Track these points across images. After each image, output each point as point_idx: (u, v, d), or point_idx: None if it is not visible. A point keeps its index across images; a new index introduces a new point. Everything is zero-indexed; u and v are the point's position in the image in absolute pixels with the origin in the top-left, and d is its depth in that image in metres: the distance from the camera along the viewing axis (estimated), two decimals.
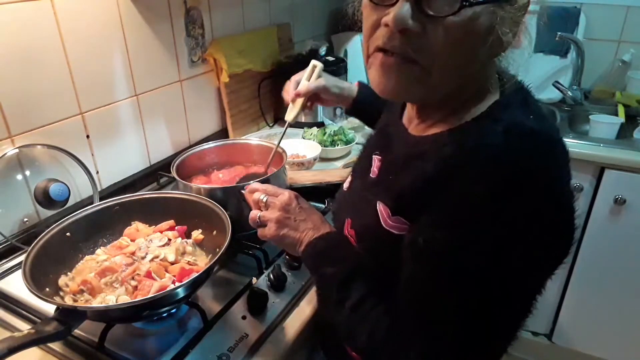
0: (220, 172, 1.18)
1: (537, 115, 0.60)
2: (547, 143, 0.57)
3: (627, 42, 1.99)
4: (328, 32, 2.20)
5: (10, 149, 1.02)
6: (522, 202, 0.53)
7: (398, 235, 0.63)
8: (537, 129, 0.56)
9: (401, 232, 0.63)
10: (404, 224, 0.62)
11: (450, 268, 0.56)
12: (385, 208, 0.65)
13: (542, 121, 0.60)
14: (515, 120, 0.57)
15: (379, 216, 0.66)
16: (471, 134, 0.58)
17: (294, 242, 0.75)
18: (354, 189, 0.82)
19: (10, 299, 0.89)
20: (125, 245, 0.89)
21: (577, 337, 1.88)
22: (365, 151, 0.83)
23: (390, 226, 0.64)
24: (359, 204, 0.73)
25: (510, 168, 0.53)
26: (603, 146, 1.60)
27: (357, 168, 0.85)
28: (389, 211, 0.64)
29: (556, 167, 0.57)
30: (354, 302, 0.66)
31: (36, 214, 1.09)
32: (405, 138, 0.70)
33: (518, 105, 0.60)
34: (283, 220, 0.76)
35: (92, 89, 1.16)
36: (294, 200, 0.78)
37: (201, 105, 1.55)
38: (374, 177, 0.74)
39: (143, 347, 0.79)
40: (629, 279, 1.69)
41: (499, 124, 0.56)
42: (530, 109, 0.61)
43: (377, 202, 0.67)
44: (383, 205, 0.66)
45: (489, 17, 0.53)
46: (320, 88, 1.03)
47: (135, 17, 1.23)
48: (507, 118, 0.57)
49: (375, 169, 0.75)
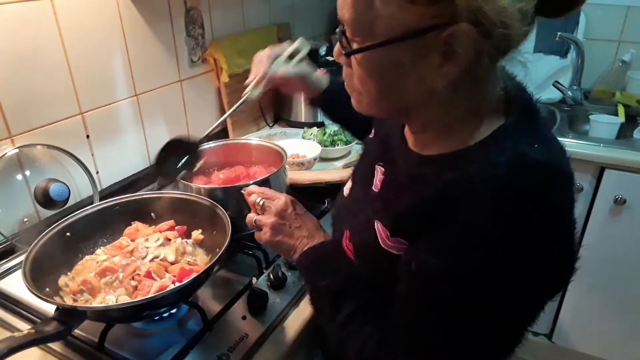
0: (220, 172, 1.18)
1: (542, 141, 0.57)
2: (551, 174, 0.55)
3: (627, 42, 1.98)
4: (328, 32, 2.20)
5: (10, 149, 1.02)
6: (523, 236, 0.52)
7: (397, 255, 0.62)
8: (541, 159, 0.54)
9: (400, 252, 0.62)
10: (403, 244, 0.61)
11: (441, 294, 0.55)
12: (384, 229, 0.63)
13: (548, 149, 0.57)
14: (518, 150, 0.55)
15: (377, 235, 0.65)
16: (473, 161, 0.56)
17: (288, 249, 0.76)
18: (354, 199, 0.80)
19: (10, 299, 0.89)
20: (125, 245, 0.89)
21: (577, 337, 1.88)
22: (367, 157, 0.81)
23: (389, 246, 0.63)
24: (359, 217, 0.72)
25: (512, 201, 0.51)
26: (603, 146, 1.60)
27: (358, 174, 0.83)
28: (388, 233, 0.63)
29: (559, 198, 0.55)
30: (345, 317, 0.66)
31: (36, 214, 1.09)
32: (406, 154, 0.68)
33: (523, 130, 0.58)
34: (278, 227, 0.76)
35: (92, 89, 1.16)
36: (290, 206, 0.78)
37: (201, 105, 1.55)
38: (376, 192, 0.72)
39: (143, 347, 0.79)
40: (629, 279, 1.69)
41: (502, 153, 0.54)
42: (535, 134, 0.58)
43: (376, 221, 0.65)
44: (382, 225, 0.64)
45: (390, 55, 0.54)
46: (300, 76, 0.96)
47: (135, 17, 1.23)
48: (511, 147, 0.55)
49: (377, 182, 0.73)
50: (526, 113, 0.61)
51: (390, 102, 0.60)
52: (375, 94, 0.59)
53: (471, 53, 0.51)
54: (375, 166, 0.74)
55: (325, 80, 1.02)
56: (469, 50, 0.50)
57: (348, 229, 0.73)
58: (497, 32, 0.49)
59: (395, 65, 0.55)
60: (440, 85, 0.54)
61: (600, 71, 2.07)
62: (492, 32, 0.49)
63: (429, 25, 0.50)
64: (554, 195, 0.54)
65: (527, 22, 0.51)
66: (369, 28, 0.54)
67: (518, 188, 0.52)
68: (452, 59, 0.52)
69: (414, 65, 0.54)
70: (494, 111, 0.60)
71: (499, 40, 0.50)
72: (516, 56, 0.57)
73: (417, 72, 0.55)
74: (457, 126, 0.60)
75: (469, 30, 0.49)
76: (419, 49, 0.53)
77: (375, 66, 0.57)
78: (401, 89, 0.57)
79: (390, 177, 0.70)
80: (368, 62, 0.57)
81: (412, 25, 0.51)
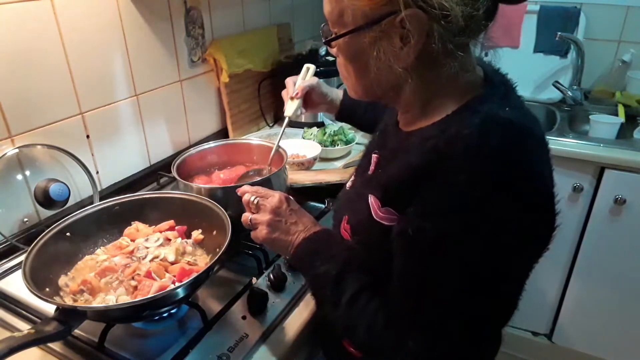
0: (220, 172, 1.18)
1: (514, 107, 0.63)
2: (522, 131, 0.60)
3: (627, 42, 1.98)
4: None
5: (10, 149, 1.02)
6: (501, 188, 0.56)
7: (388, 227, 0.65)
8: (512, 118, 0.60)
9: (391, 223, 0.65)
10: (393, 214, 0.65)
11: (440, 256, 0.59)
12: (376, 200, 0.67)
13: (518, 113, 0.63)
14: (491, 111, 0.60)
15: (370, 208, 0.68)
16: (450, 126, 0.61)
17: (285, 245, 0.76)
18: (354, 188, 0.84)
19: (10, 299, 0.89)
20: (125, 245, 0.89)
21: (577, 337, 1.88)
22: (367, 151, 0.86)
23: (380, 217, 0.66)
24: (356, 200, 0.75)
25: (488, 156, 0.56)
26: (603, 146, 1.60)
27: (359, 167, 0.87)
28: (379, 203, 0.67)
29: (531, 153, 0.60)
30: (350, 297, 0.67)
31: (36, 214, 1.09)
32: (397, 134, 0.74)
33: (497, 99, 0.64)
34: (274, 224, 0.76)
35: (92, 89, 1.16)
36: (285, 202, 0.78)
37: (201, 105, 1.55)
38: (370, 174, 0.77)
39: (143, 347, 0.79)
40: (629, 279, 1.69)
41: (475, 115, 0.60)
42: (509, 102, 0.64)
43: (369, 195, 0.69)
44: (373, 197, 0.68)
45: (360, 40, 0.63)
46: (312, 85, 1.10)
47: (135, 17, 1.23)
48: (484, 110, 0.61)
49: (372, 166, 0.77)
50: (502, 87, 0.67)
51: (367, 83, 0.68)
52: (355, 76, 0.69)
53: (423, 34, 0.58)
54: (372, 155, 0.78)
55: (339, 93, 1.16)
56: (421, 31, 0.58)
57: (347, 214, 0.76)
58: (439, 14, 0.56)
59: (364, 49, 0.63)
60: (403, 64, 0.62)
61: (600, 71, 2.07)
62: (435, 15, 0.56)
63: (385, 12, 0.59)
64: (524, 151, 0.59)
65: (470, 5, 0.57)
66: (340, 19, 0.63)
67: (489, 144, 0.57)
68: (408, 40, 0.59)
69: (379, 49, 0.62)
70: (471, 89, 0.65)
71: (445, 21, 0.57)
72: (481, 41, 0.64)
73: (381, 55, 0.62)
74: (435, 102, 0.66)
75: (417, 14, 0.57)
76: (380, 34, 0.61)
77: (349, 52, 0.66)
78: (373, 71, 0.65)
79: (382, 158, 0.75)
80: (344, 48, 0.67)
81: (372, 14, 0.60)
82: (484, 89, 0.65)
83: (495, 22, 0.62)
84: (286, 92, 1.11)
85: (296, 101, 1.09)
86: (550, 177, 0.62)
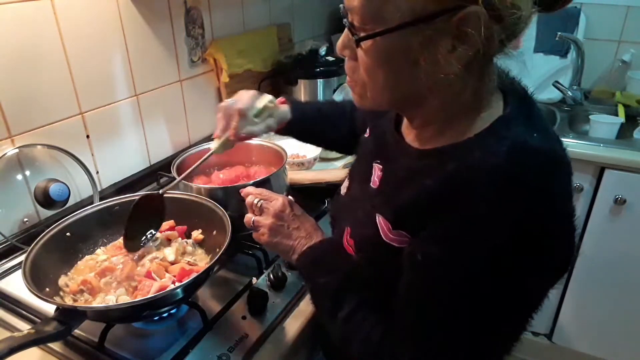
0: (220, 172, 1.18)
1: (541, 131, 0.59)
2: (551, 162, 0.56)
3: (627, 42, 1.98)
4: (328, 32, 2.19)
5: (10, 149, 1.02)
6: (525, 221, 0.52)
7: (399, 248, 0.62)
8: (540, 147, 0.55)
9: (402, 245, 0.62)
10: (405, 237, 0.62)
11: (447, 282, 0.56)
12: (386, 222, 0.64)
13: (546, 138, 0.58)
14: (518, 139, 0.56)
15: (378, 229, 0.65)
16: (474, 152, 0.56)
17: (286, 250, 0.76)
18: (353, 197, 0.81)
19: (10, 299, 0.89)
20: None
21: (577, 337, 1.88)
22: (364, 156, 0.81)
23: (390, 239, 0.63)
24: (358, 214, 0.72)
25: (514, 189, 0.52)
26: (603, 146, 1.60)
27: (355, 173, 0.83)
28: (390, 226, 0.63)
29: (559, 186, 0.56)
30: (347, 313, 0.66)
31: (36, 214, 1.09)
32: (405, 149, 0.68)
33: (522, 121, 0.58)
34: (276, 228, 0.76)
35: (92, 89, 1.16)
36: (288, 207, 0.78)
37: (201, 105, 1.55)
38: (374, 188, 0.72)
39: (143, 347, 0.79)
40: (629, 279, 1.69)
41: (502, 142, 0.55)
42: (534, 124, 0.59)
43: (377, 214, 0.66)
44: (383, 219, 0.64)
45: (398, 43, 0.54)
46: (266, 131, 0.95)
47: (135, 17, 1.23)
48: (511, 136, 0.56)
49: (376, 178, 0.73)
50: (524, 104, 0.62)
51: (398, 91, 0.60)
52: (383, 83, 0.59)
53: (483, 36, 0.50)
54: (373, 164, 0.74)
55: (287, 112, 0.99)
56: (479, 33, 0.50)
57: (348, 226, 0.74)
58: (508, 13, 0.49)
59: (406, 51, 0.54)
60: (454, 69, 0.53)
61: (600, 71, 2.07)
62: (503, 14, 0.49)
63: (440, 8, 0.50)
64: (553, 182, 0.55)
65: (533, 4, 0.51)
66: (379, 14, 0.53)
67: (518, 176, 0.52)
68: (464, 42, 0.51)
69: (426, 50, 0.53)
70: (491, 104, 0.60)
71: (510, 22, 0.50)
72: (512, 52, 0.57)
73: (429, 57, 0.54)
74: (457, 120, 0.61)
75: (481, 12, 0.49)
76: (431, 32, 0.52)
77: (385, 53, 0.56)
78: (411, 76, 0.57)
79: (389, 173, 0.70)
80: (377, 49, 0.56)
81: (423, 8, 0.50)
82: (507, 108, 0.60)
83: None
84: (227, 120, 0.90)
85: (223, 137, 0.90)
86: (573, 209, 0.58)
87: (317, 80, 1.72)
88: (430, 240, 0.57)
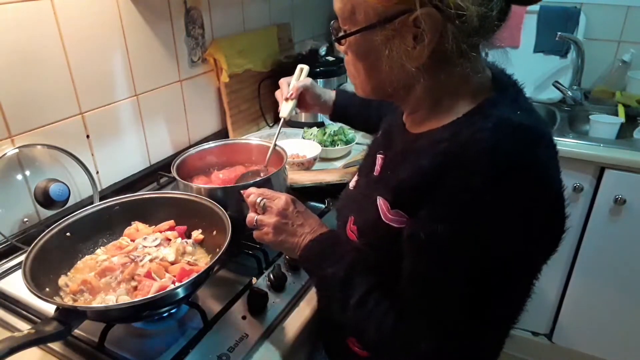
0: (220, 172, 1.18)
1: (525, 110, 0.64)
2: (534, 135, 0.60)
3: (627, 42, 1.98)
4: (328, 32, 2.20)
5: (10, 149, 1.02)
6: (515, 190, 0.56)
7: (398, 229, 0.65)
8: (524, 122, 0.60)
9: (400, 226, 0.65)
10: (403, 217, 0.64)
11: (453, 259, 0.59)
12: (385, 202, 0.67)
13: (530, 116, 0.63)
14: (503, 115, 0.60)
15: (379, 211, 0.68)
16: (463, 129, 0.61)
17: (292, 247, 0.76)
18: (358, 188, 0.84)
19: (10, 299, 0.89)
20: (125, 245, 0.89)
21: (577, 337, 1.88)
22: (370, 151, 0.85)
23: (389, 220, 0.66)
24: (362, 201, 0.74)
25: (501, 160, 0.56)
26: (603, 146, 1.60)
27: (362, 168, 0.86)
28: (388, 205, 0.66)
29: (544, 155, 0.60)
30: (358, 299, 0.67)
31: (36, 214, 1.09)
32: (404, 135, 0.73)
33: (508, 103, 0.64)
34: (281, 226, 0.76)
35: (92, 89, 1.16)
36: (291, 204, 0.78)
37: (201, 105, 1.55)
38: (376, 175, 0.76)
39: (143, 347, 0.79)
40: (629, 279, 1.69)
41: (488, 119, 0.60)
42: (519, 105, 0.64)
43: (377, 197, 0.69)
44: (383, 200, 0.67)
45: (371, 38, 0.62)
46: (306, 85, 1.10)
47: (135, 17, 1.23)
48: (496, 114, 0.61)
49: (378, 167, 0.77)
50: (511, 90, 0.68)
51: (377, 81, 0.68)
52: (365, 75, 0.68)
53: (437, 34, 0.58)
54: (377, 155, 0.78)
55: (332, 93, 1.16)
56: (435, 31, 0.57)
57: (352, 215, 0.76)
58: (454, 13, 0.56)
59: (376, 47, 0.63)
60: (415, 64, 0.61)
61: (600, 71, 2.07)
62: (450, 14, 0.56)
63: (398, 11, 0.58)
64: (538, 153, 0.59)
65: (485, 5, 0.57)
66: (352, 16, 0.63)
67: (503, 148, 0.57)
68: (422, 40, 0.59)
69: (391, 47, 0.61)
70: (482, 90, 0.65)
71: (459, 21, 0.57)
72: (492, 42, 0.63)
73: (394, 53, 0.62)
74: (446, 103, 0.66)
75: (432, 13, 0.56)
76: (393, 32, 0.60)
77: (360, 50, 0.66)
78: (384, 69, 0.64)
79: (389, 159, 0.75)
80: (355, 46, 0.66)
81: (384, 11, 0.59)
82: (494, 91, 0.65)
83: None
84: (280, 93, 1.12)
85: (291, 102, 1.09)
86: (560, 180, 0.62)
87: (317, 80, 1.72)
88: (430, 219, 0.59)
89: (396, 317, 0.65)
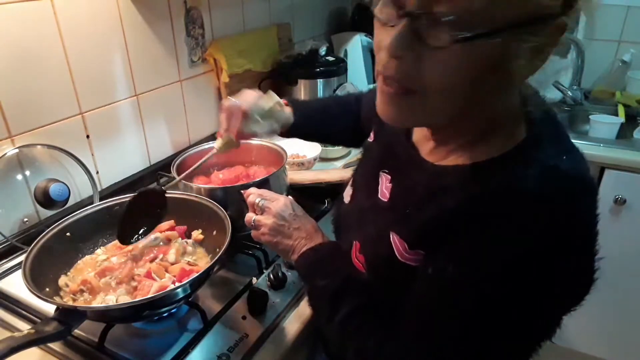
0: (220, 172, 1.18)
1: (569, 153, 0.57)
2: (581, 188, 0.54)
3: (627, 42, 1.98)
4: (328, 32, 2.19)
5: (10, 149, 1.02)
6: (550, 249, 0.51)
7: (415, 267, 0.61)
8: (572, 174, 0.54)
9: (418, 264, 0.61)
10: (421, 255, 0.60)
11: (457, 301, 0.55)
12: (402, 242, 0.62)
13: (575, 161, 0.56)
14: (549, 163, 0.53)
15: (392, 248, 0.63)
16: (500, 174, 0.54)
17: (287, 250, 0.76)
18: (359, 207, 0.78)
19: (10, 299, 0.89)
20: (125, 245, 0.89)
21: (577, 337, 1.88)
22: (368, 163, 0.80)
23: (407, 259, 0.62)
24: (368, 228, 0.71)
25: (544, 215, 0.51)
26: (603, 146, 1.60)
27: (360, 180, 0.82)
28: (406, 246, 0.61)
29: (587, 211, 0.55)
30: (343, 317, 0.66)
31: (36, 214, 1.09)
32: (420, 163, 0.65)
33: (550, 143, 0.56)
34: (277, 228, 0.76)
35: (92, 89, 1.16)
36: (289, 207, 0.78)
37: (201, 105, 1.55)
38: (385, 201, 0.69)
39: (143, 347, 0.79)
40: (629, 279, 1.69)
41: (531, 167, 0.53)
42: (562, 145, 0.58)
43: (391, 232, 0.64)
44: (399, 238, 0.62)
45: (494, 48, 0.48)
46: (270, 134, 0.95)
47: (135, 17, 1.23)
48: (540, 159, 0.54)
49: (384, 190, 0.70)
50: (550, 124, 0.59)
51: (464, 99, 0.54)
52: (452, 94, 0.53)
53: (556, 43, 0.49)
54: (380, 173, 0.73)
55: (290, 116, 0.97)
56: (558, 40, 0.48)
57: (357, 240, 0.72)
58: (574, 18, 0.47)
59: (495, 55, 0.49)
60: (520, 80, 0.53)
61: (600, 71, 2.07)
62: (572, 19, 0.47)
63: (546, 13, 0.46)
64: (583, 209, 0.54)
65: None
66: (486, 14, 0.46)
67: (550, 201, 0.51)
68: (543, 52, 0.49)
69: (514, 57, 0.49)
70: (514, 122, 0.58)
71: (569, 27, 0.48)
72: None
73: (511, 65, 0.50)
74: (482, 135, 0.58)
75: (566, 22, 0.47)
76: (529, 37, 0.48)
77: (477, 59, 0.49)
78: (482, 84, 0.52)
79: (403, 188, 0.68)
80: (469, 55, 0.49)
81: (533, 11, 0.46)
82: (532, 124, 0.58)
83: None
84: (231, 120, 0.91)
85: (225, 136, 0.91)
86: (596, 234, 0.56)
87: (317, 80, 1.71)
88: (446, 257, 0.56)
89: (383, 339, 0.62)
